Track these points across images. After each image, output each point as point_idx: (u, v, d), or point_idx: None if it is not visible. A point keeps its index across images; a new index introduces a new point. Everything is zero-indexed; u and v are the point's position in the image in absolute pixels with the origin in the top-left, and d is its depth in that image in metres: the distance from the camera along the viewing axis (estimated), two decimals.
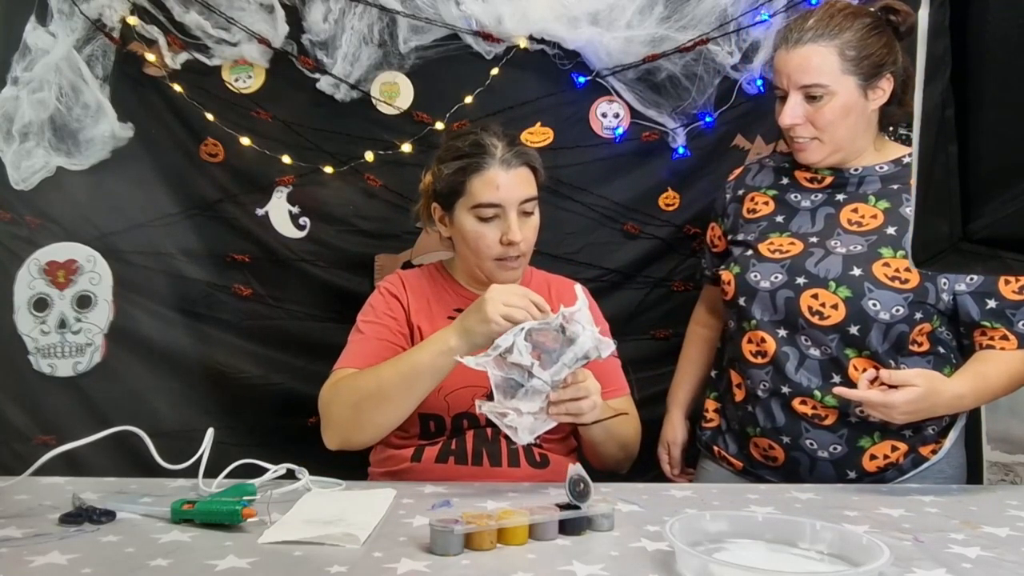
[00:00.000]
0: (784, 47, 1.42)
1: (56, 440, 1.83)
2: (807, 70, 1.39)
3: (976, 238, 0.54)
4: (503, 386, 1.16)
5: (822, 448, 1.39)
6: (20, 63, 1.99)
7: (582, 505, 0.99)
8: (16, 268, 2.01)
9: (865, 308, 1.35)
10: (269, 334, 2.01)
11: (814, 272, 1.39)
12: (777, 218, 1.51)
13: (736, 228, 1.56)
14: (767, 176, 1.59)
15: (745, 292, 1.45)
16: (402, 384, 1.28)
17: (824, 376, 1.38)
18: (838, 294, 1.36)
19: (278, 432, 1.94)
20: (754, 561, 0.88)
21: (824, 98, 1.39)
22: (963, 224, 0.54)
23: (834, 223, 1.45)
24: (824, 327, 1.37)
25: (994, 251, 0.55)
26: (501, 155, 1.40)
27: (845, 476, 1.40)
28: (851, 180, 1.48)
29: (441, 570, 0.85)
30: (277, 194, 2.01)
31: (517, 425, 1.16)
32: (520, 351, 1.14)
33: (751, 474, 1.51)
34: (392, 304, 1.48)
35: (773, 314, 1.42)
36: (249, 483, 1.11)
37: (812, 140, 1.44)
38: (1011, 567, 0.89)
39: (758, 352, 1.44)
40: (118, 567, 0.84)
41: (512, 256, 1.41)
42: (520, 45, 1.95)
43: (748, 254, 1.49)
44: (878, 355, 1.37)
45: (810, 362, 1.39)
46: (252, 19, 1.95)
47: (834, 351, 1.37)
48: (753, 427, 1.47)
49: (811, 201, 1.49)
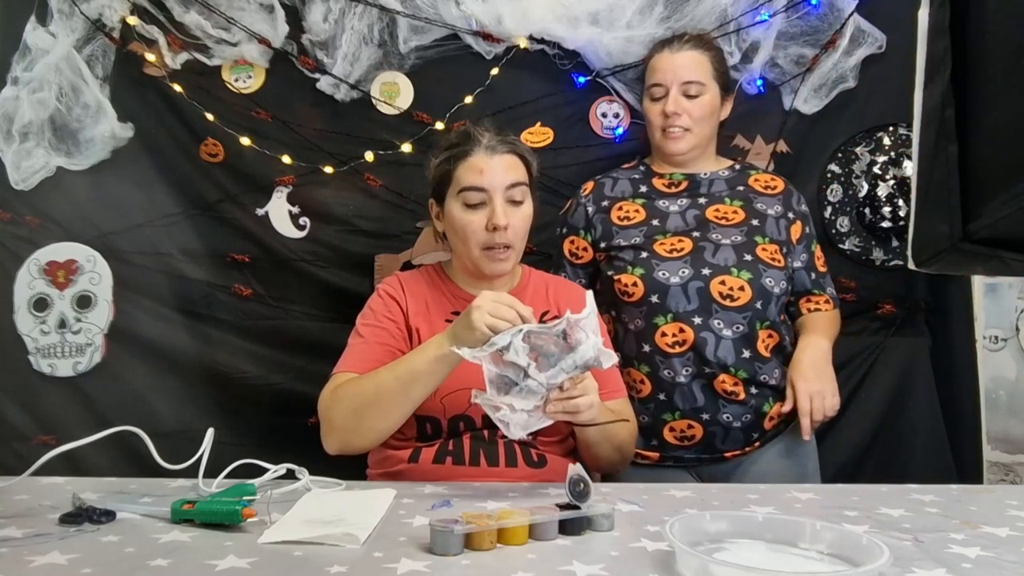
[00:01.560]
0: (668, 50, 1.69)
1: (56, 440, 1.83)
2: (691, 69, 1.67)
3: (976, 238, 0.54)
4: (497, 382, 1.16)
5: (736, 419, 1.58)
6: (20, 63, 1.99)
7: (582, 505, 0.99)
8: (16, 268, 2.01)
9: (765, 285, 1.59)
10: (269, 334, 2.01)
11: (714, 262, 1.59)
12: (653, 222, 1.67)
13: (610, 235, 1.68)
14: (625, 187, 1.75)
15: (656, 290, 1.58)
16: (399, 389, 1.28)
17: (737, 352, 1.56)
18: (741, 277, 1.58)
19: (278, 432, 1.94)
20: (754, 561, 0.88)
21: (700, 96, 1.66)
22: (963, 224, 0.54)
23: (704, 220, 1.66)
24: (736, 307, 1.57)
25: (994, 251, 0.55)
26: (487, 142, 1.42)
27: (751, 440, 1.60)
28: (703, 183, 1.73)
29: (441, 570, 0.85)
30: (277, 194, 2.01)
31: (509, 420, 1.16)
32: (516, 351, 1.14)
33: (668, 459, 1.62)
34: (391, 306, 1.47)
35: (687, 304, 1.57)
36: (249, 483, 1.11)
37: (685, 132, 1.68)
38: (1011, 567, 0.89)
39: (676, 342, 1.57)
40: (118, 567, 0.84)
41: (500, 245, 1.41)
42: (520, 45, 1.95)
43: (643, 256, 1.62)
44: (775, 324, 1.61)
45: (724, 342, 1.56)
46: (252, 19, 1.95)
47: (746, 327, 1.57)
48: (671, 412, 1.59)
49: (678, 205, 1.70)
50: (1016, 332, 2.11)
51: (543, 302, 1.52)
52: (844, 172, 2.01)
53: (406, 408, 1.30)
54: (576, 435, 1.40)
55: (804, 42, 1.95)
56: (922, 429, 1.97)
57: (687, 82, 1.66)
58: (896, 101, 1.94)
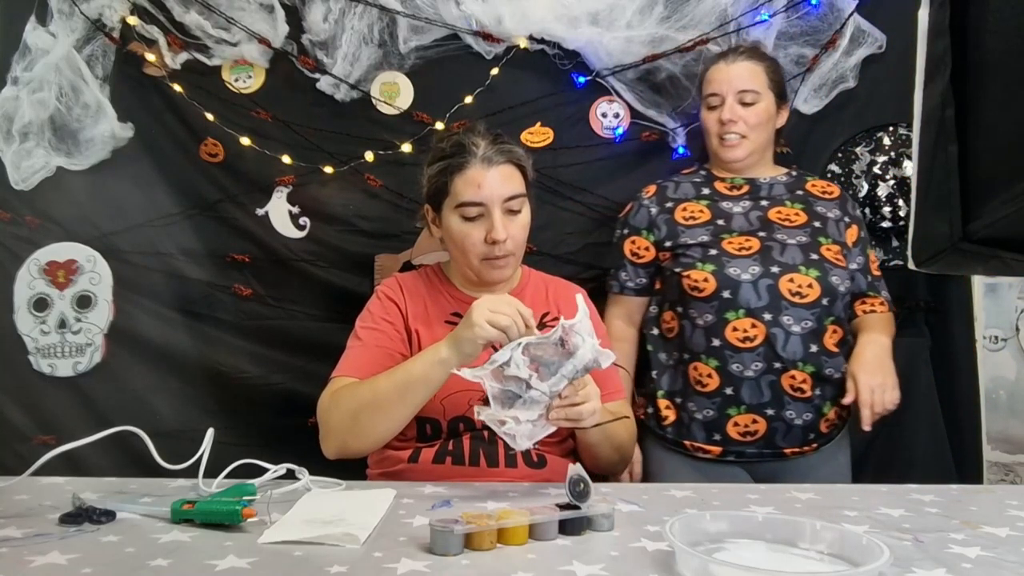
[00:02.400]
0: (724, 62, 1.75)
1: (56, 440, 1.83)
2: (746, 79, 1.72)
3: (976, 238, 0.54)
4: (501, 397, 1.16)
5: (799, 416, 1.61)
6: (20, 63, 1.99)
7: (582, 505, 0.99)
8: (16, 268, 2.01)
9: (831, 283, 1.63)
10: (269, 334, 2.01)
11: (783, 260, 1.63)
12: (719, 221, 1.71)
13: (675, 235, 1.71)
14: (688, 189, 1.79)
15: (727, 285, 1.61)
16: (397, 394, 1.27)
17: (805, 347, 1.60)
18: (809, 275, 1.62)
19: (278, 432, 1.94)
20: (754, 561, 0.88)
21: (755, 104, 1.72)
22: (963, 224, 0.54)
23: (768, 222, 1.70)
24: (805, 304, 1.61)
25: (994, 251, 0.55)
26: (483, 153, 1.40)
27: (808, 439, 1.63)
28: (763, 187, 1.78)
29: (441, 570, 0.85)
30: (277, 194, 2.01)
31: (516, 432, 1.16)
32: (517, 365, 1.14)
33: (729, 454, 1.64)
34: (390, 309, 1.47)
35: (758, 300, 1.60)
36: (249, 483, 1.11)
37: (741, 139, 1.73)
38: (1011, 567, 0.89)
39: (747, 337, 1.60)
40: (118, 567, 0.84)
41: (498, 255, 1.41)
42: (520, 45, 1.95)
43: (713, 253, 1.65)
44: (840, 320, 1.65)
45: (794, 338, 1.60)
46: (252, 19, 1.95)
47: (814, 323, 1.61)
48: (736, 407, 1.61)
49: (741, 207, 1.74)
50: (1016, 332, 2.11)
51: (543, 303, 1.52)
52: (844, 172, 2.01)
53: (404, 413, 1.30)
54: (576, 436, 1.40)
55: (804, 42, 1.95)
56: (922, 429, 1.97)
57: (743, 90, 1.71)
58: (896, 101, 1.94)
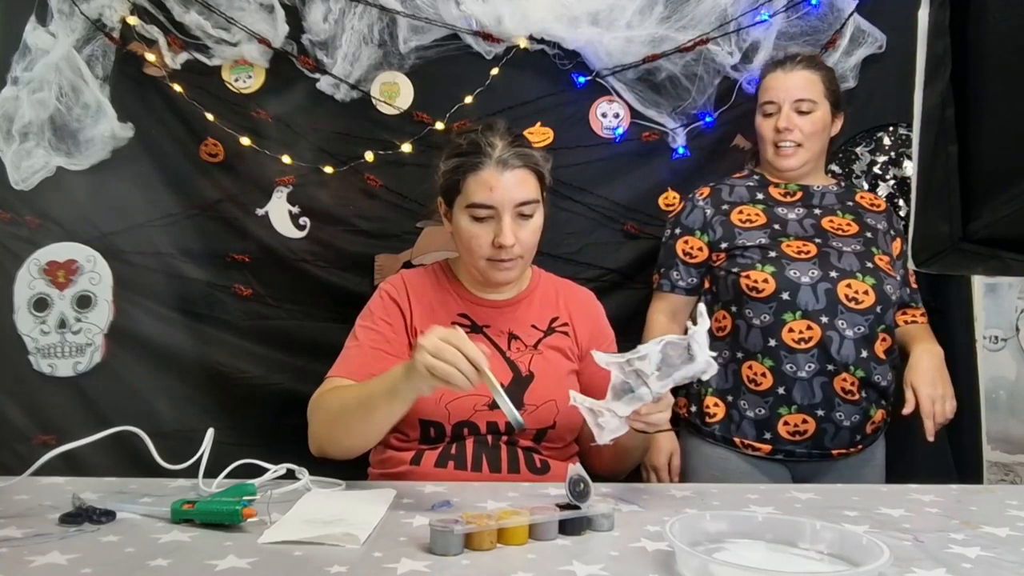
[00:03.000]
0: (781, 70, 1.77)
1: (56, 440, 1.83)
2: (803, 88, 1.74)
3: (976, 238, 0.54)
4: (618, 388, 1.15)
5: (847, 418, 1.63)
6: (20, 63, 1.99)
7: (582, 505, 0.99)
8: (16, 268, 2.01)
9: (885, 292, 1.66)
10: (269, 334, 2.01)
11: (840, 266, 1.66)
12: (775, 226, 1.73)
13: (732, 236, 1.73)
14: (743, 193, 1.80)
15: (787, 287, 1.64)
16: (360, 414, 1.24)
17: (857, 352, 1.62)
18: (866, 282, 1.65)
19: (278, 432, 1.94)
20: (754, 561, 0.88)
21: (812, 112, 1.74)
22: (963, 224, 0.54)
23: (822, 230, 1.73)
24: (860, 310, 1.63)
25: (994, 251, 0.55)
26: (498, 155, 1.36)
27: (854, 440, 1.65)
28: (815, 195, 1.80)
29: (441, 570, 0.85)
30: (277, 194, 2.01)
31: (606, 426, 1.15)
32: (650, 361, 1.13)
33: (778, 452, 1.67)
34: (391, 310, 1.44)
35: (816, 304, 1.63)
36: (249, 483, 1.11)
37: (797, 147, 1.75)
38: (1011, 567, 0.89)
39: (802, 338, 1.63)
40: (118, 567, 0.84)
41: (504, 258, 1.38)
42: (520, 45, 1.95)
43: (772, 255, 1.67)
44: (890, 328, 1.68)
45: (847, 342, 1.62)
46: (252, 19, 1.95)
47: (867, 329, 1.63)
48: (787, 407, 1.64)
49: (796, 213, 1.76)
50: (1016, 332, 2.11)
51: (552, 306, 1.50)
52: (844, 172, 2.01)
53: (370, 432, 1.26)
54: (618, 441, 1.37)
55: (804, 42, 1.95)
56: (922, 429, 1.96)
57: (799, 99, 1.73)
58: (896, 101, 1.94)
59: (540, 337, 1.45)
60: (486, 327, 1.44)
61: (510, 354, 1.42)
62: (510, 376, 1.39)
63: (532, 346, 1.44)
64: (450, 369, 1.06)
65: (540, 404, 1.37)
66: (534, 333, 1.46)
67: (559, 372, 1.44)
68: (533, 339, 1.45)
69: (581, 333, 1.49)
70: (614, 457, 1.40)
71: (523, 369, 1.41)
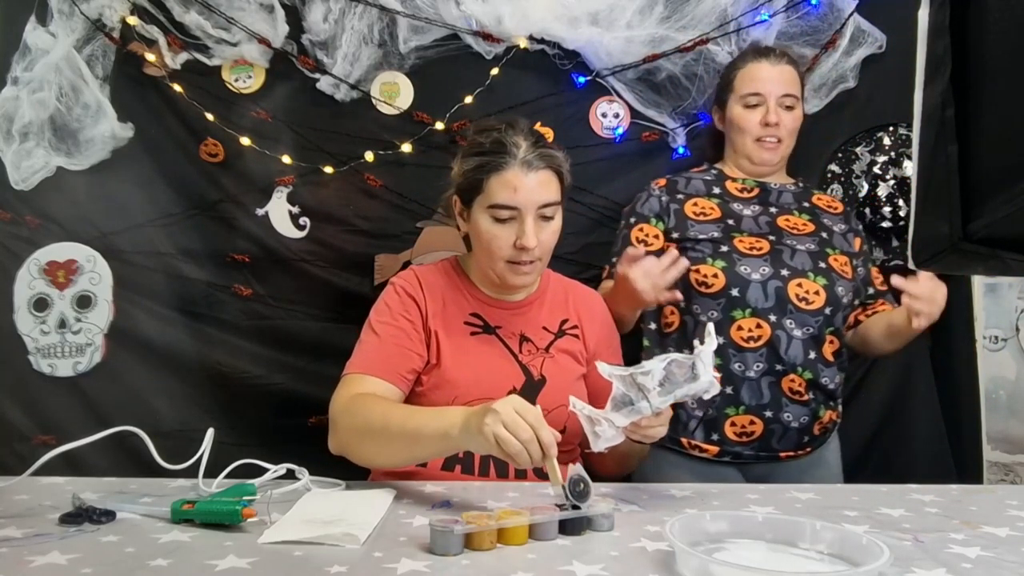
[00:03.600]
0: (767, 62, 1.72)
1: (56, 440, 1.83)
2: (790, 83, 1.71)
3: (976, 238, 0.54)
4: (618, 400, 1.15)
5: (795, 419, 1.60)
6: (20, 63, 1.99)
7: (582, 505, 0.99)
8: (16, 268, 2.01)
9: (837, 293, 1.62)
10: (269, 334, 2.01)
11: (792, 265, 1.63)
12: (728, 221, 1.70)
13: (684, 227, 1.70)
14: (699, 186, 1.78)
15: (737, 283, 1.60)
16: (402, 442, 1.21)
17: (805, 353, 1.60)
18: (817, 282, 1.62)
19: (278, 432, 1.94)
20: (754, 561, 0.88)
21: (794, 109, 1.72)
22: (963, 224, 0.54)
23: (776, 227, 1.70)
24: (810, 311, 1.60)
25: (994, 251, 0.55)
26: (523, 156, 1.33)
27: (802, 442, 1.62)
28: (772, 192, 1.77)
29: (441, 570, 0.85)
30: (277, 194, 2.01)
31: (602, 435, 1.15)
32: (653, 376, 1.13)
33: (725, 454, 1.63)
34: (408, 305, 1.41)
35: (765, 302, 1.60)
36: (249, 483, 1.11)
37: (779, 142, 1.72)
38: (1011, 567, 0.89)
39: (751, 337, 1.60)
40: (118, 567, 0.84)
41: (525, 260, 1.37)
42: (520, 45, 1.95)
43: (724, 250, 1.64)
44: (838, 331, 1.65)
45: (795, 342, 1.59)
46: (252, 19, 1.95)
47: (816, 330, 1.60)
48: (735, 407, 1.60)
49: (751, 210, 1.73)
50: (1016, 332, 2.11)
51: (562, 308, 1.49)
52: (844, 172, 2.01)
53: (406, 458, 1.25)
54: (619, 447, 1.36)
55: (804, 42, 1.95)
56: (922, 429, 1.97)
57: (786, 95, 1.70)
58: (896, 101, 1.94)
59: (551, 339, 1.45)
60: (498, 328, 1.43)
61: (522, 357, 1.41)
62: (523, 380, 1.38)
63: (544, 349, 1.43)
64: (520, 449, 1.03)
65: (552, 409, 1.35)
66: (545, 335, 1.45)
67: (570, 376, 1.43)
68: (544, 341, 1.44)
69: (589, 335, 1.48)
70: (615, 463, 1.40)
71: (535, 373, 1.40)
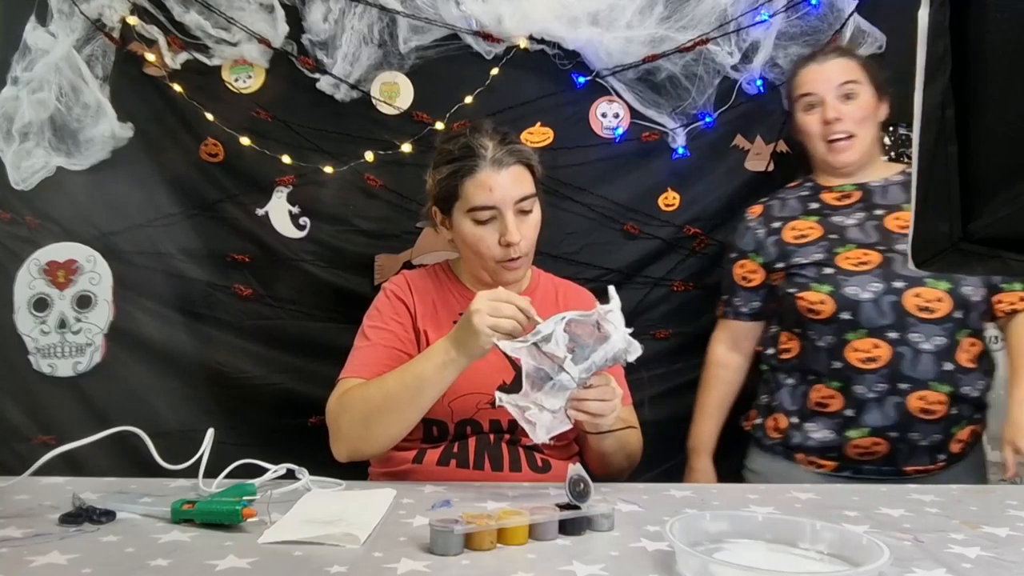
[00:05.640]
0: (815, 62, 1.67)
1: (56, 440, 1.83)
2: (843, 72, 1.63)
3: (976, 238, 0.54)
4: (533, 376, 1.15)
5: (925, 438, 1.51)
6: (20, 63, 1.99)
7: (582, 505, 0.99)
8: (16, 268, 2.01)
9: (963, 294, 1.51)
10: (269, 334, 2.01)
11: (906, 273, 1.51)
12: (831, 236, 1.61)
13: (786, 255, 1.63)
14: (795, 206, 1.70)
15: (847, 306, 1.52)
16: (407, 396, 1.26)
17: (938, 366, 1.50)
18: (938, 288, 1.50)
19: (278, 432, 1.94)
20: (754, 561, 0.88)
21: (857, 96, 1.61)
22: (963, 224, 0.54)
23: (886, 231, 1.58)
24: (935, 320, 1.50)
25: (994, 251, 0.54)
26: (492, 155, 1.38)
27: (936, 459, 1.53)
28: (876, 191, 1.64)
29: (441, 570, 0.85)
30: (277, 194, 2.01)
31: (536, 420, 1.14)
32: (558, 341, 1.12)
33: (844, 469, 1.56)
34: (398, 308, 1.46)
35: (882, 319, 1.51)
36: (249, 483, 1.11)
37: (850, 138, 1.62)
38: (1011, 567, 0.89)
39: (869, 357, 1.51)
40: (118, 567, 0.84)
41: (513, 256, 1.40)
42: (520, 45, 1.95)
43: (828, 272, 1.56)
44: (978, 331, 1.55)
45: (924, 356, 1.49)
46: (252, 19, 1.95)
47: (946, 339, 1.50)
48: (856, 429, 1.53)
49: (855, 218, 1.62)
50: None
51: (552, 305, 1.51)
52: None
53: (415, 414, 1.29)
54: (590, 445, 1.39)
55: (804, 42, 1.95)
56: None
57: (843, 83, 1.62)
58: (896, 101, 1.94)
59: None
60: None
61: None
62: (512, 374, 1.40)
63: None
64: (515, 325, 1.17)
65: None
66: None
67: None
68: None
69: None
70: (598, 463, 1.40)
71: None
